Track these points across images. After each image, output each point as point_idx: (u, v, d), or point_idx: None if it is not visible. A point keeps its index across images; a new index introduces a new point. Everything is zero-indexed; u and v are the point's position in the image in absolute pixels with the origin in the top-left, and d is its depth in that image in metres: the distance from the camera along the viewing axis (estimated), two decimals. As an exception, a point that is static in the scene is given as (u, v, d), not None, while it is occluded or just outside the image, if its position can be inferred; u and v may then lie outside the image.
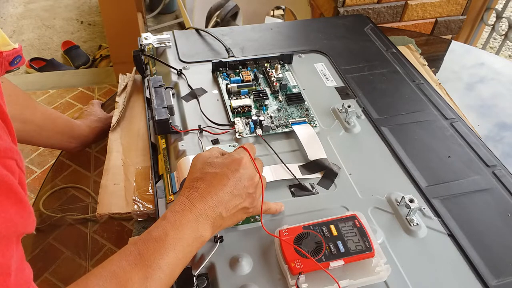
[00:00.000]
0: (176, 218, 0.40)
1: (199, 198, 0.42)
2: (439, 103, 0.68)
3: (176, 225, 0.40)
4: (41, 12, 2.29)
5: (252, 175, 0.45)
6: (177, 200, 0.42)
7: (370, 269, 0.44)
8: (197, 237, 0.41)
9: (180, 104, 0.65)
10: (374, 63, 0.77)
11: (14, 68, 0.43)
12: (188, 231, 0.40)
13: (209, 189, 0.42)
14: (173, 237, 0.39)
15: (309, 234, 0.44)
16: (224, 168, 0.44)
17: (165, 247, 0.38)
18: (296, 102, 0.66)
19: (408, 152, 0.59)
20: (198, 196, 0.42)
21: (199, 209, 0.41)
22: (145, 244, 0.38)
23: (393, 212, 0.51)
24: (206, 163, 0.45)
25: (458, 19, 1.17)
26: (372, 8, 1.08)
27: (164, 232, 0.39)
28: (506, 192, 0.55)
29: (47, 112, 0.67)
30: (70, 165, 0.70)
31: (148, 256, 0.37)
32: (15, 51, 0.43)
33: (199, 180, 0.43)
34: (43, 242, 0.59)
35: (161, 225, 0.40)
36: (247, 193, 0.44)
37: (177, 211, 0.41)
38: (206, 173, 0.44)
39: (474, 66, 0.92)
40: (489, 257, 0.47)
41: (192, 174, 0.45)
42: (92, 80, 1.81)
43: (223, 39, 0.78)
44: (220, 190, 0.42)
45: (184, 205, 0.41)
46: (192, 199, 0.41)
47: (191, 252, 0.41)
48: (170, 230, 0.39)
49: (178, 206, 0.41)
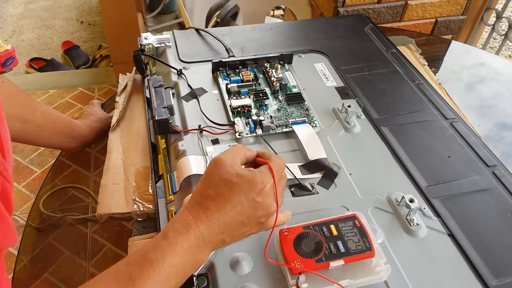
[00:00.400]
0: (178, 240, 0.37)
1: (206, 222, 0.38)
2: (439, 103, 0.68)
3: (175, 250, 0.37)
4: (41, 12, 2.29)
5: (269, 204, 0.40)
6: (182, 216, 0.39)
7: (370, 269, 0.44)
8: (195, 263, 0.39)
9: (180, 104, 0.65)
10: (374, 63, 0.77)
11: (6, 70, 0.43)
12: (187, 257, 0.38)
13: (218, 214, 0.39)
14: (170, 263, 0.36)
15: (309, 234, 0.44)
16: (241, 196, 0.39)
17: (160, 274, 0.36)
18: (296, 102, 0.66)
19: (408, 152, 0.59)
20: (206, 219, 0.39)
21: (203, 234, 0.38)
22: (139, 267, 0.36)
23: (393, 212, 0.51)
24: (224, 179, 0.40)
25: (458, 19, 1.17)
26: (372, 8, 1.08)
27: (162, 256, 0.36)
28: (506, 192, 0.55)
29: (47, 112, 0.67)
30: (70, 165, 0.70)
31: (140, 282, 0.35)
32: (7, 52, 0.42)
33: (210, 200, 0.39)
34: (43, 242, 0.59)
35: (160, 246, 0.37)
36: (258, 222, 0.41)
37: (180, 231, 0.38)
38: (220, 194, 0.39)
39: (474, 66, 0.92)
40: (489, 257, 0.47)
41: (206, 185, 0.41)
42: (92, 80, 1.81)
43: (223, 39, 0.78)
44: (230, 217, 0.39)
45: (188, 226, 0.38)
46: (198, 221, 0.39)
47: (184, 278, 0.39)
48: (169, 255, 0.37)
49: (182, 225, 0.38)
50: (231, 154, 0.42)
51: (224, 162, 0.41)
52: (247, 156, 0.44)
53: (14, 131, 0.61)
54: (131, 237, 0.54)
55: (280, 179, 0.43)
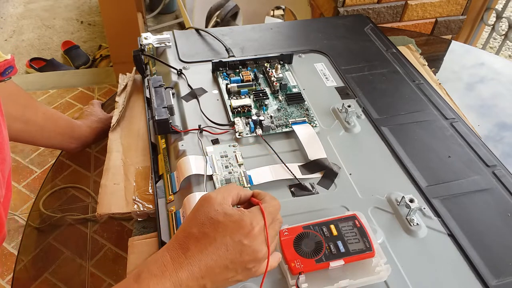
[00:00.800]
0: (150, 284, 0.34)
1: (185, 265, 0.35)
2: (439, 103, 0.68)
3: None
4: (41, 12, 2.29)
5: (257, 249, 0.37)
6: (160, 257, 0.36)
7: (370, 269, 0.44)
8: None
9: (180, 104, 0.65)
10: (374, 63, 0.77)
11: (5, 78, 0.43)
12: None
13: (200, 256, 0.35)
14: None
15: (309, 234, 0.44)
16: (227, 236, 0.36)
17: None
18: (296, 102, 0.66)
19: (408, 152, 0.59)
20: (185, 261, 0.35)
21: (181, 279, 0.35)
22: None
23: (393, 212, 0.51)
24: (210, 218, 0.37)
25: (458, 19, 1.17)
26: (372, 8, 1.08)
27: None
28: (506, 192, 0.55)
29: (49, 113, 0.67)
30: (70, 165, 0.70)
31: None
32: (6, 62, 0.41)
33: (193, 239, 0.36)
34: (43, 242, 0.59)
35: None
36: (245, 268, 0.37)
37: (154, 274, 0.34)
38: (204, 234, 0.36)
39: (474, 66, 0.92)
40: (489, 257, 0.47)
41: (190, 223, 0.38)
42: (92, 80, 1.81)
43: (223, 39, 0.78)
44: (212, 260, 0.36)
45: (165, 268, 0.35)
46: (177, 263, 0.35)
47: None
48: None
49: (159, 266, 0.35)
50: (222, 193, 0.40)
51: (213, 201, 0.38)
52: (241, 196, 0.41)
53: (15, 131, 0.61)
54: (131, 237, 0.55)
55: (273, 222, 0.40)
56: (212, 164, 0.55)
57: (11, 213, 1.29)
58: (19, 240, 1.22)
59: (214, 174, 0.54)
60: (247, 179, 0.53)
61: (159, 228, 0.51)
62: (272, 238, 0.39)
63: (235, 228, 0.37)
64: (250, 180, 0.53)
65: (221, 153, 0.57)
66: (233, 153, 0.57)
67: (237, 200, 0.41)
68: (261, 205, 0.39)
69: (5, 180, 0.34)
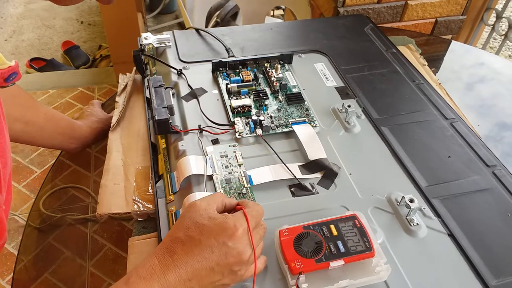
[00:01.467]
0: (139, 286, 0.35)
1: (173, 267, 0.37)
2: (439, 103, 0.68)
3: None
4: (41, 12, 2.29)
5: (242, 251, 0.38)
6: (148, 261, 0.37)
7: (370, 269, 0.44)
8: None
9: (180, 104, 0.65)
10: (374, 63, 0.77)
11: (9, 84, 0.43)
12: None
13: (186, 258, 0.37)
14: None
15: (309, 234, 0.44)
16: (211, 238, 0.38)
17: None
18: (296, 102, 0.66)
19: (408, 152, 0.59)
20: (172, 264, 0.37)
21: (169, 281, 0.36)
22: None
23: (393, 212, 0.51)
24: (195, 222, 0.39)
25: (458, 19, 1.17)
26: (372, 8, 1.08)
27: None
28: (506, 192, 0.55)
29: (49, 113, 0.67)
30: (70, 165, 0.70)
31: None
32: (10, 68, 0.42)
33: (179, 243, 0.38)
34: (43, 242, 0.59)
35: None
36: (231, 270, 0.38)
37: (143, 277, 0.36)
38: (189, 237, 0.38)
39: (474, 66, 0.92)
40: (489, 257, 0.47)
41: (177, 229, 0.39)
42: (92, 80, 1.81)
43: (223, 39, 0.78)
44: (198, 262, 0.37)
45: (153, 272, 0.36)
46: (164, 266, 0.37)
47: None
48: None
49: (147, 270, 0.36)
50: (207, 200, 0.42)
51: (197, 207, 0.40)
52: (225, 204, 0.43)
53: (16, 132, 0.61)
54: (131, 237, 0.55)
55: (257, 227, 0.41)
56: (212, 164, 0.55)
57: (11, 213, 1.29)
58: (19, 240, 1.22)
59: (214, 174, 0.54)
60: (247, 179, 0.53)
61: (159, 228, 0.51)
62: (257, 242, 0.40)
63: (219, 230, 0.38)
64: (250, 180, 0.53)
65: (221, 153, 0.57)
66: (233, 153, 0.57)
67: (222, 208, 0.43)
68: (244, 209, 0.41)
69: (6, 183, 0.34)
